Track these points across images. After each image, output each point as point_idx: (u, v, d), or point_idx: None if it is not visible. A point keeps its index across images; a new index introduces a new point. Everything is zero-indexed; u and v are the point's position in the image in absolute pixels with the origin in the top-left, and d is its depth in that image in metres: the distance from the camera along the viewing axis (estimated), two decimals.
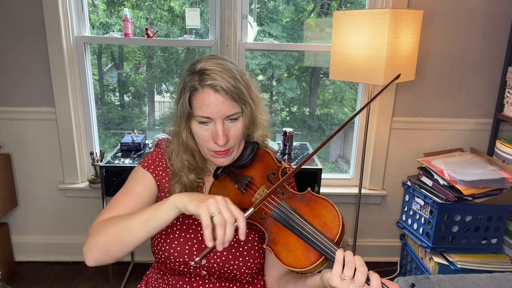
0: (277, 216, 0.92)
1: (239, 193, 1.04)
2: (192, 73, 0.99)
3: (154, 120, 2.95)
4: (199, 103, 0.97)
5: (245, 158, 1.08)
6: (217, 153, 1.02)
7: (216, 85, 0.95)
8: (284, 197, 0.96)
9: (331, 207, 0.89)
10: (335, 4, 2.68)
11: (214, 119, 0.98)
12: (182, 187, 1.06)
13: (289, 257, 0.86)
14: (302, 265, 0.84)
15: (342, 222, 0.85)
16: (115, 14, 2.57)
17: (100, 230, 0.94)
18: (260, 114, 1.08)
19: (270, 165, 1.06)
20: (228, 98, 0.97)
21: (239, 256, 1.05)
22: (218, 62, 0.99)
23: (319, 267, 0.85)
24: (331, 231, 0.85)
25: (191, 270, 1.07)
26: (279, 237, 0.90)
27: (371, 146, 2.42)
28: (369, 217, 2.58)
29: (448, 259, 2.03)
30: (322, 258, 0.84)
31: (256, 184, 1.03)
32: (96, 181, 2.32)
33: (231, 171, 1.08)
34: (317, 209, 0.90)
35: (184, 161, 1.07)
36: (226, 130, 0.99)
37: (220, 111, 0.97)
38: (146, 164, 1.12)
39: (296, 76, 2.82)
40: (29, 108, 2.29)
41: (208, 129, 1.00)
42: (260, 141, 1.11)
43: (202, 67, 0.98)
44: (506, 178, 1.98)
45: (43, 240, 2.53)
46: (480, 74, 2.33)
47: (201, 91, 0.97)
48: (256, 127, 1.08)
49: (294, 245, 0.87)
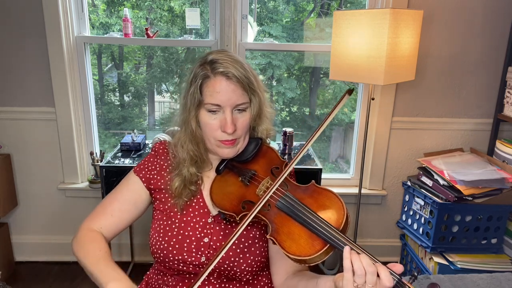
0: (282, 206, 0.93)
1: (242, 185, 1.04)
2: (203, 64, 1.02)
3: (154, 120, 2.95)
4: (211, 90, 0.99)
5: (248, 152, 1.08)
6: (224, 142, 1.03)
7: (228, 72, 0.98)
8: (288, 189, 0.97)
9: (335, 197, 0.90)
10: (335, 4, 2.68)
11: (224, 107, 0.99)
12: (181, 181, 1.07)
13: (293, 246, 0.86)
14: (307, 253, 0.84)
15: (347, 212, 0.86)
16: (115, 14, 2.57)
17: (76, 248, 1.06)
18: (266, 107, 1.10)
19: (273, 159, 1.07)
20: (239, 86, 0.99)
21: (240, 253, 1.05)
22: (228, 55, 1.03)
23: (323, 256, 0.85)
24: (336, 220, 0.86)
25: (190, 270, 1.07)
26: (283, 227, 0.90)
27: (371, 146, 2.42)
28: (369, 217, 2.58)
29: (448, 259, 2.03)
30: (327, 246, 0.84)
31: (260, 176, 1.04)
32: (96, 181, 2.32)
33: (234, 165, 1.08)
34: (321, 200, 0.91)
35: (189, 150, 1.07)
36: (234, 120, 1.01)
37: (231, 99, 0.99)
38: (138, 169, 1.15)
39: (296, 76, 2.82)
40: (29, 108, 2.29)
41: (216, 118, 1.01)
42: (264, 135, 1.12)
43: (214, 57, 1.01)
44: (506, 178, 1.98)
45: (43, 240, 2.53)
46: (480, 74, 2.33)
47: (213, 79, 0.99)
48: (262, 120, 1.10)
49: (298, 234, 0.88)
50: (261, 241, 1.08)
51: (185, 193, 1.08)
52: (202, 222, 1.08)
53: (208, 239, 1.06)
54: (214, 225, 1.07)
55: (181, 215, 1.09)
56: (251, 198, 0.99)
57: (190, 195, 1.09)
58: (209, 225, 1.07)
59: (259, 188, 1.00)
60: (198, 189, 1.10)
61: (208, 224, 1.08)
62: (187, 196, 1.08)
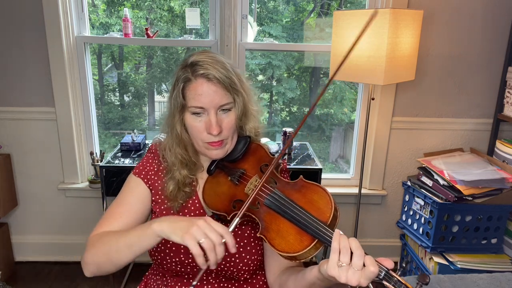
0: (270, 203, 0.93)
1: (232, 185, 1.04)
2: (185, 67, 1.01)
3: (154, 120, 2.95)
4: (192, 93, 0.98)
5: (237, 152, 1.08)
6: (211, 144, 1.03)
7: (209, 74, 0.97)
8: (277, 185, 0.97)
9: (323, 191, 0.90)
10: (335, 4, 2.68)
11: (207, 109, 0.99)
12: (175, 184, 1.07)
13: (282, 243, 0.87)
14: (296, 249, 0.84)
15: (335, 206, 0.86)
16: (115, 14, 2.57)
17: (93, 248, 0.98)
18: (251, 105, 1.09)
19: (262, 157, 1.07)
20: (220, 87, 0.98)
21: (235, 252, 1.05)
22: (209, 55, 1.01)
23: (313, 252, 0.85)
24: (323, 214, 0.86)
25: (189, 271, 1.07)
26: (272, 224, 0.90)
27: (371, 146, 2.42)
28: (369, 217, 2.58)
29: (448, 259, 2.03)
30: (315, 241, 0.84)
31: (249, 174, 1.04)
32: (96, 181, 2.32)
33: (225, 165, 1.08)
34: (309, 195, 0.91)
35: (177, 154, 1.07)
36: (219, 121, 1.00)
37: (213, 101, 0.98)
38: (137, 170, 1.14)
39: (296, 76, 2.83)
40: (29, 108, 2.29)
41: (201, 120, 1.01)
42: (252, 133, 1.12)
43: (194, 59, 1.00)
44: (506, 178, 1.98)
45: (43, 240, 2.53)
46: (480, 74, 2.33)
47: (194, 82, 0.98)
48: (248, 119, 1.09)
49: (287, 231, 0.88)
50: (256, 240, 1.08)
51: (180, 196, 1.07)
52: None
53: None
54: None
55: None
56: (241, 197, 1.00)
57: (185, 197, 1.09)
58: None
59: (248, 187, 1.00)
60: (193, 191, 1.10)
61: None
62: (182, 198, 1.08)
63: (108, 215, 1.07)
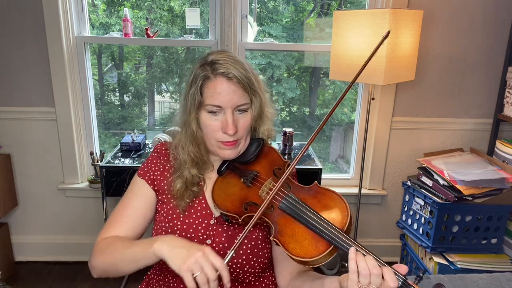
0: (285, 207, 0.92)
1: (244, 187, 1.03)
2: (204, 65, 1.01)
3: (154, 120, 2.95)
4: (211, 91, 0.98)
5: (250, 153, 1.08)
6: (225, 143, 1.02)
7: (229, 73, 0.97)
8: (291, 190, 0.97)
9: (339, 198, 0.90)
10: (335, 4, 2.68)
11: (225, 108, 0.99)
12: (183, 182, 1.06)
13: (297, 248, 0.86)
14: (311, 254, 0.84)
15: (350, 213, 0.86)
16: (115, 14, 2.57)
17: (100, 255, 1.02)
18: (267, 107, 1.09)
19: (275, 160, 1.07)
20: (239, 87, 0.99)
21: (243, 254, 1.04)
22: (229, 55, 1.02)
23: (327, 257, 0.84)
24: (340, 221, 0.86)
25: None
26: (287, 228, 0.90)
27: (371, 146, 2.42)
28: (369, 217, 2.58)
29: (448, 259, 2.03)
30: (331, 247, 0.83)
31: (263, 177, 1.03)
32: (96, 181, 2.32)
33: (236, 166, 1.08)
34: (324, 201, 0.91)
35: (190, 152, 1.07)
36: (235, 121, 1.00)
37: (231, 100, 0.98)
38: (142, 172, 1.14)
39: (296, 76, 2.83)
40: (29, 108, 2.29)
41: (217, 119, 1.01)
42: (265, 136, 1.12)
43: (214, 58, 1.00)
44: (506, 178, 1.98)
45: (43, 240, 2.53)
46: (480, 74, 2.33)
47: (213, 80, 0.98)
48: (263, 121, 1.10)
49: (302, 236, 0.87)
50: (264, 243, 1.07)
51: (187, 195, 1.07)
52: (205, 223, 1.07)
53: (210, 240, 1.05)
54: (216, 226, 1.07)
55: (184, 217, 1.08)
56: (254, 199, 0.99)
57: (192, 196, 1.08)
58: (212, 227, 1.07)
59: (262, 190, 0.99)
60: (200, 190, 1.10)
61: (210, 226, 1.07)
62: (189, 197, 1.07)
63: (114, 219, 1.09)
